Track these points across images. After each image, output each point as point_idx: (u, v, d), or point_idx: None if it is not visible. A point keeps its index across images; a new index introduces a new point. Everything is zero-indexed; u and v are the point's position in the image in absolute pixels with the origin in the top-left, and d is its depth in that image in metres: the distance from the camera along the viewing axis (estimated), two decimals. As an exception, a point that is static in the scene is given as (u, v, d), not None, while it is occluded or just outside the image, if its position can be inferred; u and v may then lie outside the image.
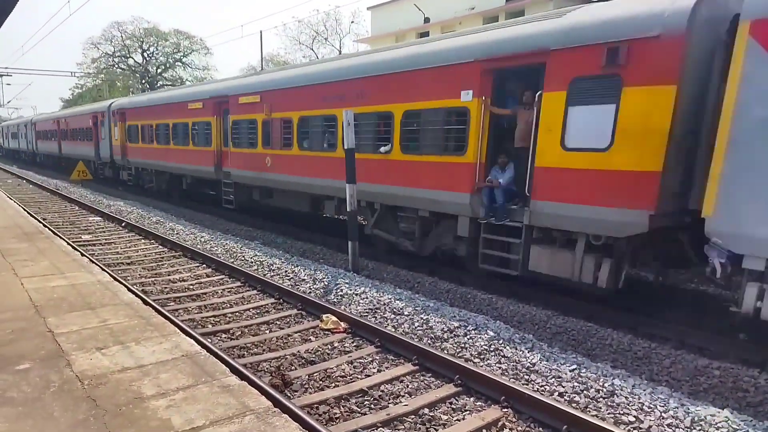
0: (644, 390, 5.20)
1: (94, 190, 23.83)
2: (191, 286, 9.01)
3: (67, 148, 32.79)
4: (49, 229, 12.21)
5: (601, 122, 6.88)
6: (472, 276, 9.46)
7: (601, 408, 4.96)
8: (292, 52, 57.74)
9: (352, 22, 68.11)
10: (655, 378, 5.89)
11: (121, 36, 63.28)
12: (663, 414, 4.78)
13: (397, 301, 7.80)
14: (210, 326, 7.13)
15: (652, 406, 4.90)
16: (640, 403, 4.96)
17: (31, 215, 14.17)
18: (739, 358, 6.28)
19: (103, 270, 8.33)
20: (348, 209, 9.90)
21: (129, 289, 7.24)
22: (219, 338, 6.72)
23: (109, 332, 5.16)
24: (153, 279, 9.41)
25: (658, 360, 6.19)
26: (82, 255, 9.23)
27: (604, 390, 5.19)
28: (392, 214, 10.60)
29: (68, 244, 10.40)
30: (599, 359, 6.26)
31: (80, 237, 13.07)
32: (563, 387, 5.32)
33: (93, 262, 9.10)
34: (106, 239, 12.96)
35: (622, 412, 4.85)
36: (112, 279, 7.44)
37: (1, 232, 10.48)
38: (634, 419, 4.75)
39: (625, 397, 5.05)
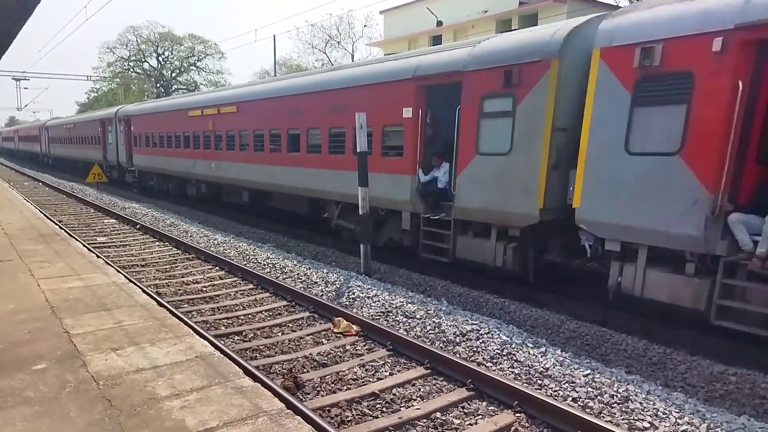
0: (659, 396, 5.14)
1: (109, 193, 24.09)
2: (205, 288, 9.07)
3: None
4: (65, 231, 12.37)
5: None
6: (485, 280, 9.45)
7: (615, 414, 4.91)
8: (305, 56, 58.10)
9: (365, 26, 68.43)
10: (670, 384, 5.83)
11: (137, 40, 64.05)
12: (678, 420, 4.72)
13: (409, 305, 7.79)
14: (223, 328, 7.18)
15: (666, 412, 4.84)
16: (654, 409, 4.91)
17: (48, 217, 14.36)
18: (756, 364, 6.19)
19: (118, 272, 8.41)
20: (360, 212, 9.92)
21: (144, 291, 7.31)
22: (232, 340, 6.76)
23: (124, 333, 5.22)
24: (167, 281, 9.50)
25: (673, 365, 6.12)
26: (98, 257, 9.34)
27: (619, 395, 5.15)
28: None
29: (84, 246, 10.52)
30: (613, 364, 6.20)
31: (96, 239, 13.23)
32: (577, 392, 5.27)
33: (108, 263, 9.19)
34: (121, 241, 13.10)
35: (636, 418, 4.81)
36: (127, 281, 7.52)
37: (18, 234, 10.63)
38: (648, 425, 4.70)
39: (640, 403, 5.01)
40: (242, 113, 15.68)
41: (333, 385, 5.50)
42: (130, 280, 7.88)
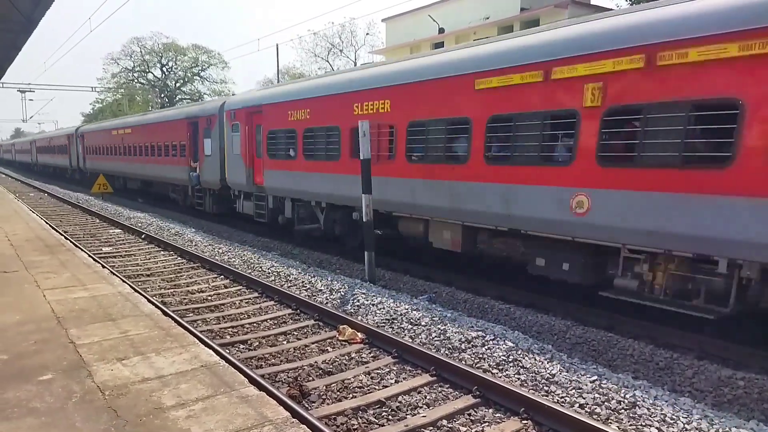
0: (666, 401, 5.11)
1: (114, 203, 24.20)
2: (209, 297, 9.08)
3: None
4: (71, 241, 12.42)
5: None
6: (489, 286, 9.43)
7: (622, 419, 4.88)
8: (307, 65, 58.24)
9: (368, 33, 68.74)
10: (677, 389, 5.79)
11: (141, 51, 64.59)
12: (686, 426, 4.69)
13: (414, 312, 7.78)
14: (228, 337, 7.18)
15: (674, 417, 4.81)
16: (662, 414, 4.87)
17: (53, 228, 14.44)
18: (764, 369, 6.15)
19: (124, 281, 8.44)
20: (364, 219, 9.92)
21: (149, 301, 7.32)
22: (237, 349, 6.75)
23: (129, 343, 5.22)
24: (172, 290, 9.51)
25: (681, 370, 6.09)
26: (103, 267, 9.37)
27: (626, 401, 5.11)
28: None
29: (89, 256, 10.57)
30: (620, 370, 6.17)
31: (101, 249, 13.27)
32: (584, 398, 5.24)
33: (113, 273, 9.23)
34: (126, 251, 13.14)
35: (644, 424, 4.77)
36: (133, 290, 7.54)
37: (24, 245, 10.68)
38: (656, 431, 4.66)
39: (647, 409, 4.97)
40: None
41: (338, 393, 5.49)
42: (136, 290, 7.90)
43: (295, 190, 13.59)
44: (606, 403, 5.12)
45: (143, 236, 14.94)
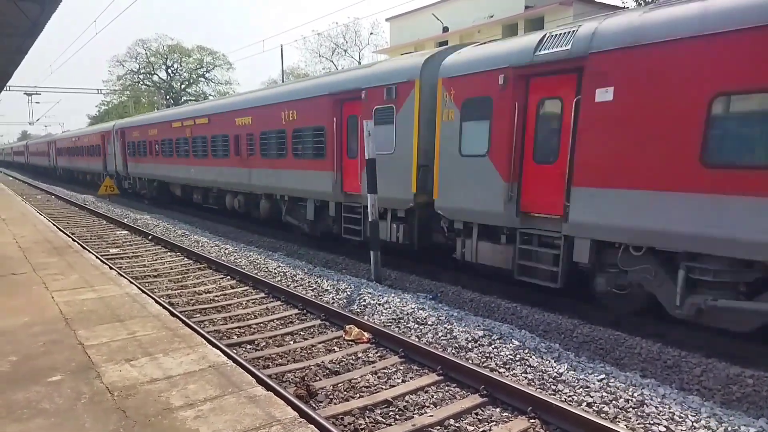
0: (675, 399, 5.09)
1: (121, 205, 24.31)
2: (216, 298, 9.12)
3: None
4: (78, 243, 12.49)
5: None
6: (496, 285, 9.43)
7: (630, 418, 4.87)
8: (312, 65, 58.26)
9: (371, 33, 68.72)
10: (685, 387, 5.76)
11: (146, 53, 64.83)
12: (695, 424, 4.67)
13: (421, 311, 7.78)
14: (235, 337, 7.20)
15: (683, 415, 4.79)
16: (670, 413, 4.86)
17: (61, 230, 14.51)
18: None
19: (131, 283, 8.47)
20: (369, 219, 9.93)
21: (156, 302, 7.36)
22: (244, 349, 6.78)
23: (137, 344, 5.25)
24: (179, 291, 9.55)
25: (689, 369, 6.06)
26: (111, 268, 9.42)
27: (634, 400, 5.10)
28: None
29: (97, 257, 10.62)
30: (628, 368, 6.15)
31: (108, 251, 13.34)
32: (591, 397, 5.23)
33: (121, 275, 9.26)
34: (133, 252, 13.20)
35: (652, 422, 4.76)
36: (140, 291, 7.57)
37: (32, 246, 10.75)
38: (665, 429, 4.65)
39: (655, 407, 4.96)
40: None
41: (346, 392, 5.50)
42: (143, 291, 7.94)
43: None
44: (614, 402, 5.11)
45: (150, 237, 15.01)
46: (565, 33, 7.71)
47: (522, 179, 8.35)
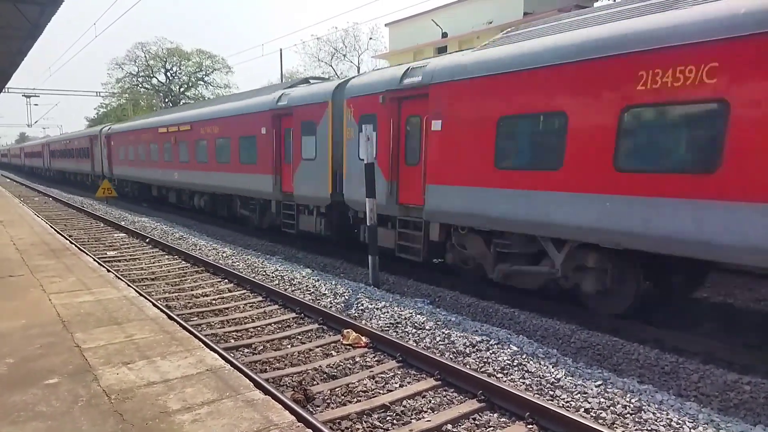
0: (672, 406, 5.09)
1: (119, 207, 24.28)
2: (214, 301, 9.10)
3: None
4: (76, 245, 12.46)
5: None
6: (493, 289, 9.44)
7: (628, 424, 4.87)
8: (311, 69, 58.20)
9: (371, 38, 68.59)
10: (683, 393, 5.76)
11: (145, 56, 64.77)
12: (692, 430, 4.67)
13: (418, 316, 7.78)
14: (233, 341, 7.19)
15: (680, 422, 4.79)
16: (668, 419, 4.86)
17: (58, 232, 14.49)
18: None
19: (129, 285, 8.46)
20: (368, 223, 9.94)
21: (154, 305, 7.34)
22: (242, 353, 6.76)
23: (135, 347, 5.24)
24: (177, 294, 9.54)
25: (686, 375, 6.06)
26: (108, 271, 9.39)
27: (631, 406, 5.10)
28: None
29: (94, 260, 10.60)
30: (625, 374, 6.15)
31: (106, 253, 13.32)
32: (589, 403, 5.23)
33: (118, 277, 9.25)
34: (131, 255, 13.18)
35: (650, 429, 4.76)
36: (138, 294, 7.55)
37: (29, 249, 10.72)
38: (662, 436, 4.65)
39: (653, 413, 4.96)
40: None
41: (343, 397, 5.49)
42: (141, 294, 7.92)
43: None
44: (611, 408, 5.11)
45: (148, 240, 14.99)
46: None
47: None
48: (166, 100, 64.60)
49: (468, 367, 6.11)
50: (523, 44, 8.33)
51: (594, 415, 5.05)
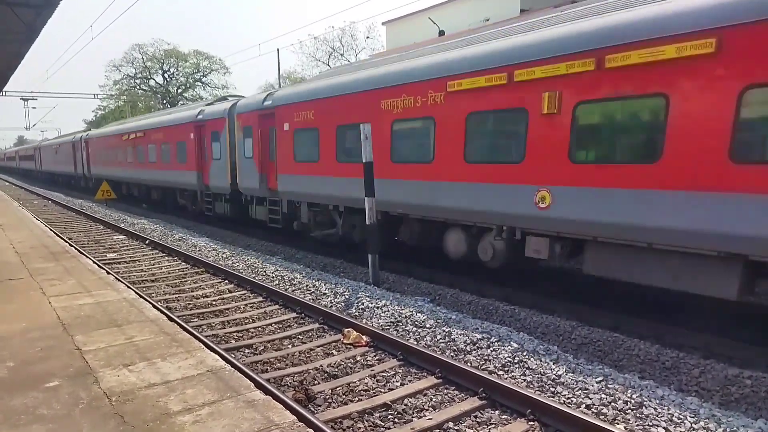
0: (673, 401, 5.09)
1: (118, 209, 24.26)
2: (214, 302, 9.10)
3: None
4: (75, 248, 12.44)
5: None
6: (494, 287, 9.45)
7: (629, 420, 4.87)
8: (308, 69, 58.17)
9: (368, 37, 68.49)
10: (684, 388, 5.77)
11: (142, 58, 64.70)
12: (693, 425, 4.68)
13: (419, 314, 7.78)
14: (233, 341, 7.19)
15: (681, 417, 4.79)
16: (669, 414, 4.86)
17: (58, 235, 14.48)
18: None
19: (128, 287, 8.46)
20: (367, 222, 9.93)
21: (154, 306, 7.34)
22: (242, 353, 6.76)
23: (135, 349, 5.23)
24: (177, 295, 9.53)
25: (687, 370, 6.07)
26: (108, 273, 9.39)
27: (633, 401, 5.10)
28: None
29: (94, 262, 10.59)
30: (626, 370, 6.15)
31: (105, 255, 13.31)
32: (590, 399, 5.24)
33: (118, 279, 9.24)
34: (130, 257, 13.17)
35: (651, 424, 4.76)
36: (137, 296, 7.55)
37: (28, 252, 10.72)
38: (663, 431, 4.65)
39: (654, 409, 4.96)
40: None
41: (344, 396, 5.49)
42: (141, 296, 7.92)
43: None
44: (612, 404, 5.11)
45: (147, 242, 14.98)
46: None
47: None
48: (164, 101, 64.52)
49: (469, 364, 6.12)
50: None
51: (595, 411, 5.05)
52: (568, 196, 7.48)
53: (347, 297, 8.92)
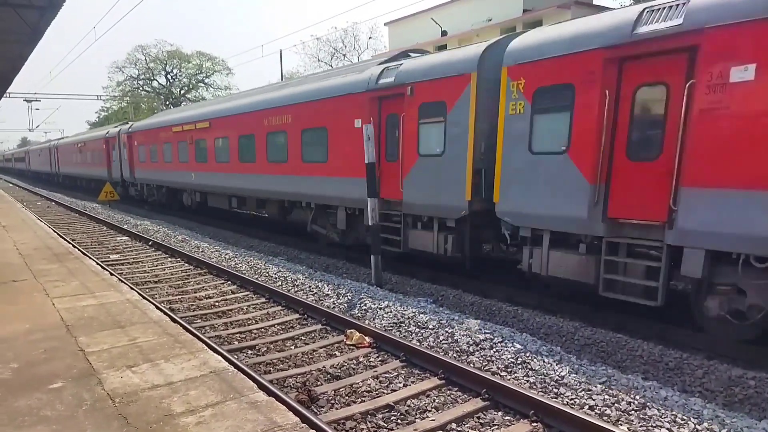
0: (677, 402, 5.08)
1: (121, 211, 24.31)
2: (217, 303, 9.11)
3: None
4: (79, 249, 12.48)
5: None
6: (497, 288, 9.43)
7: (633, 421, 4.86)
8: (311, 69, 58.21)
9: (370, 37, 68.56)
10: (687, 389, 5.76)
11: (146, 59, 64.84)
12: (697, 426, 4.66)
13: (422, 315, 7.77)
14: (236, 342, 7.19)
15: (685, 418, 4.78)
16: (672, 415, 4.85)
17: (61, 236, 14.52)
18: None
19: (132, 289, 8.47)
20: (370, 223, 9.94)
21: (157, 308, 7.35)
22: (245, 354, 6.77)
23: (138, 350, 5.24)
24: (180, 297, 9.54)
25: (691, 371, 6.05)
26: (111, 274, 9.41)
27: (636, 402, 5.09)
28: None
29: (97, 264, 10.62)
30: (630, 371, 6.14)
31: (109, 257, 13.34)
32: (593, 400, 5.22)
33: (121, 281, 9.26)
34: (133, 258, 13.20)
35: (654, 425, 4.75)
36: (141, 297, 7.56)
37: (32, 253, 10.75)
38: (667, 432, 4.64)
39: (658, 410, 4.95)
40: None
41: (347, 397, 5.49)
42: (144, 297, 7.93)
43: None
44: (616, 405, 5.10)
45: (150, 243, 15.01)
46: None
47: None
48: (167, 102, 64.63)
49: (472, 365, 6.11)
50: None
51: (598, 412, 5.04)
52: None
53: (350, 298, 8.92)
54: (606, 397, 5.24)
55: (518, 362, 6.14)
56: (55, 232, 15.37)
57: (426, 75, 9.59)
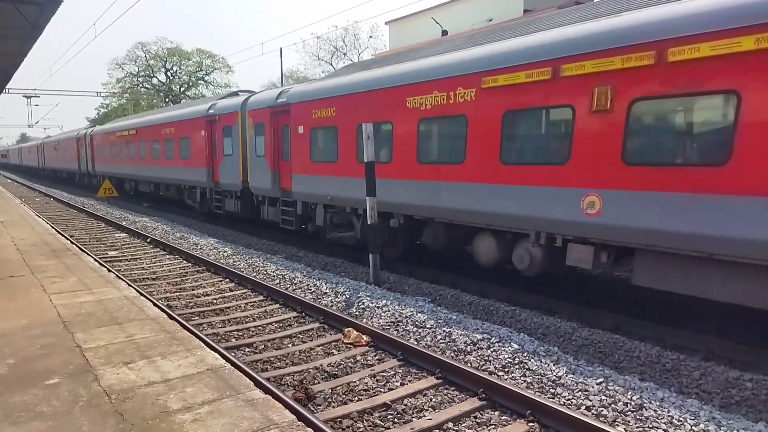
0: (674, 403, 5.08)
1: (120, 207, 24.29)
2: (215, 301, 9.10)
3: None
4: (77, 245, 12.47)
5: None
6: (495, 288, 9.43)
7: (629, 422, 4.86)
8: (311, 68, 58.28)
9: (371, 36, 68.56)
10: (684, 390, 5.76)
11: (145, 56, 64.78)
12: (693, 428, 4.66)
13: (419, 314, 7.77)
14: (234, 340, 7.19)
15: (682, 419, 4.78)
16: (669, 416, 4.85)
17: (59, 232, 14.49)
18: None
19: (129, 285, 8.46)
20: (369, 222, 9.93)
21: (154, 304, 7.35)
22: (243, 352, 6.76)
23: (135, 347, 5.24)
24: (177, 294, 9.54)
25: (688, 372, 6.05)
26: (109, 271, 9.40)
27: (633, 403, 5.09)
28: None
29: (95, 260, 10.60)
30: (627, 372, 6.14)
31: (107, 253, 13.32)
32: (590, 400, 5.23)
33: (119, 277, 9.26)
34: (131, 255, 13.18)
35: (651, 426, 4.75)
36: (138, 294, 7.56)
37: (30, 249, 10.73)
38: (664, 433, 4.64)
39: (654, 411, 4.95)
40: None
41: (344, 396, 5.49)
42: (141, 294, 7.92)
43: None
44: (613, 405, 5.10)
45: (149, 240, 14.99)
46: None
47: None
48: (167, 99, 64.57)
49: (469, 365, 6.11)
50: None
51: (595, 412, 5.04)
52: None
53: (348, 296, 8.92)
54: (603, 397, 5.25)
55: (515, 362, 6.14)
56: (53, 228, 15.36)
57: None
